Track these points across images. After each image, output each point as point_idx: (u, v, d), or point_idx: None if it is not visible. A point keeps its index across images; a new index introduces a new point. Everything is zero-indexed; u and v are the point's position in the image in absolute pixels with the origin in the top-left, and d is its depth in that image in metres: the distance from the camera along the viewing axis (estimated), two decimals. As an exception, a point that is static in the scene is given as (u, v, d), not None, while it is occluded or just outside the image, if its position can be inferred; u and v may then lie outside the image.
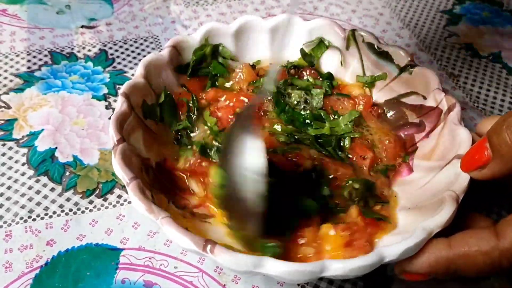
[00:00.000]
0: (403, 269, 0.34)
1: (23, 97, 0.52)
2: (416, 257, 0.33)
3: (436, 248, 0.33)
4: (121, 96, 0.40)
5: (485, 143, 0.34)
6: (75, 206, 0.43)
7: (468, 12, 0.68)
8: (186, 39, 0.47)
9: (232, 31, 0.48)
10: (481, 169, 0.34)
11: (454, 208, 0.34)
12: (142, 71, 0.43)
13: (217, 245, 0.32)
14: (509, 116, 0.33)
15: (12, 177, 0.45)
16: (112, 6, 0.65)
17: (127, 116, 0.40)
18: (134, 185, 0.35)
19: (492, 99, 0.56)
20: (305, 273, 0.31)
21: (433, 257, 0.33)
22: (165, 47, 0.46)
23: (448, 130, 0.40)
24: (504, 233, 0.32)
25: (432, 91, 0.43)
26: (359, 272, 0.32)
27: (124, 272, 0.39)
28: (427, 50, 0.62)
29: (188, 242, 0.32)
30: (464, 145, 0.37)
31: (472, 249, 0.32)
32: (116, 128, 0.38)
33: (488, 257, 0.32)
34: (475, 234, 0.33)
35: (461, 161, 0.36)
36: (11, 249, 0.40)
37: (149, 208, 0.34)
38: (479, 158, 0.34)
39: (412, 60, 0.45)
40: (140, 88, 0.42)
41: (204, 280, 0.39)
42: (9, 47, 0.58)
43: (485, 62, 0.61)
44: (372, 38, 0.47)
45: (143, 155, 0.40)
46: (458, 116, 0.40)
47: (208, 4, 0.66)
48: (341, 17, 0.65)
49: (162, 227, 0.33)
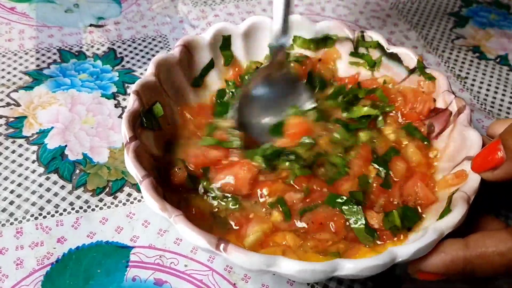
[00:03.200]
0: (418, 269, 0.34)
1: (33, 95, 0.52)
2: (432, 257, 0.33)
3: (452, 249, 0.33)
4: (133, 94, 0.40)
5: (498, 144, 0.34)
6: (85, 204, 0.43)
7: (475, 14, 0.69)
8: (196, 38, 0.47)
9: (242, 31, 0.48)
10: (493, 170, 0.34)
11: (465, 209, 0.34)
12: (153, 70, 0.43)
13: (230, 243, 0.32)
14: None
15: (23, 174, 0.45)
16: (120, 5, 0.65)
17: (138, 113, 0.40)
18: (147, 183, 0.35)
19: (499, 101, 0.57)
20: (318, 272, 0.31)
21: (449, 257, 0.33)
22: (176, 46, 0.46)
23: (458, 132, 0.40)
24: None
25: (442, 93, 0.43)
26: (371, 271, 0.32)
27: (135, 270, 0.40)
28: (435, 52, 0.62)
29: (202, 240, 0.32)
30: (475, 147, 0.38)
31: (489, 249, 0.32)
32: (129, 125, 0.38)
33: (505, 258, 0.32)
34: (492, 235, 0.33)
35: (472, 162, 0.36)
36: (22, 246, 0.40)
37: (163, 207, 0.34)
38: (492, 159, 0.34)
39: (421, 62, 0.45)
40: (151, 86, 0.42)
41: (214, 278, 0.39)
42: (18, 45, 0.58)
43: (492, 65, 0.61)
44: (381, 39, 0.47)
45: (154, 153, 0.40)
46: (468, 118, 0.40)
47: (216, 4, 0.66)
48: (348, 18, 0.65)
49: (176, 225, 0.33)
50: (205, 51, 0.47)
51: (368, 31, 0.48)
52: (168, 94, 0.44)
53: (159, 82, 0.43)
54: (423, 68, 0.45)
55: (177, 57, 0.45)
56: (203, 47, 0.47)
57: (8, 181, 0.44)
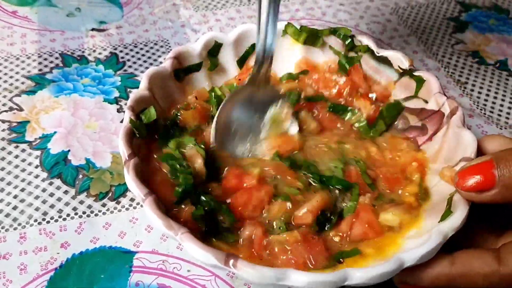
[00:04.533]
0: (404, 280, 0.34)
1: (35, 100, 0.52)
2: (419, 271, 0.34)
3: (438, 264, 0.33)
4: (127, 110, 0.40)
5: (492, 169, 0.33)
6: (89, 209, 0.44)
7: (475, 19, 0.69)
8: (187, 49, 0.46)
9: (231, 40, 0.48)
10: (480, 192, 0.34)
11: (466, 210, 0.35)
12: (146, 84, 0.42)
13: (239, 259, 0.32)
14: None
15: (26, 179, 0.45)
16: (122, 10, 0.65)
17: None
18: (149, 201, 0.34)
19: (499, 107, 0.57)
20: (328, 283, 0.31)
21: (435, 273, 0.33)
22: (167, 59, 0.45)
23: (452, 133, 0.40)
24: (506, 260, 0.32)
25: (433, 95, 0.43)
26: (380, 279, 0.32)
27: (138, 275, 0.40)
28: (434, 57, 0.62)
29: (210, 257, 0.32)
30: (470, 147, 0.38)
31: (474, 270, 0.33)
32: (126, 142, 0.38)
33: (488, 281, 0.32)
34: (478, 255, 0.33)
35: (458, 175, 0.35)
36: (26, 251, 0.41)
37: (168, 225, 0.33)
38: (483, 182, 0.33)
39: (412, 65, 0.46)
40: (145, 100, 0.42)
41: (217, 283, 0.40)
42: (20, 49, 0.58)
43: (492, 70, 0.61)
44: (371, 44, 0.48)
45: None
46: (461, 119, 0.41)
47: (217, 9, 0.67)
48: (349, 23, 0.66)
49: (183, 243, 0.33)
50: (196, 61, 0.47)
51: (358, 36, 0.48)
52: (160, 106, 0.43)
53: (152, 95, 0.43)
54: (413, 70, 0.45)
55: (168, 70, 0.45)
56: (194, 58, 0.47)
57: (12, 186, 0.45)
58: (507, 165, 0.33)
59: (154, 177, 0.38)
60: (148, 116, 0.41)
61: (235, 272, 0.32)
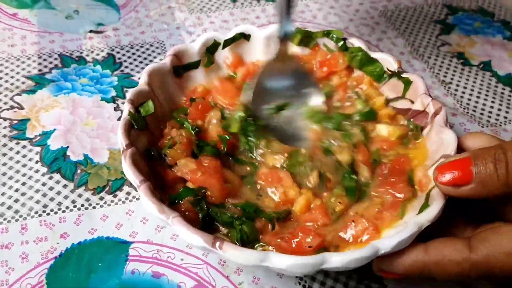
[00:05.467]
0: (381, 268, 0.37)
1: (35, 98, 0.54)
2: (394, 258, 0.36)
3: (413, 252, 0.36)
4: (127, 103, 0.42)
5: (470, 165, 0.35)
6: (87, 202, 0.46)
7: (461, 22, 0.71)
8: (186, 47, 0.49)
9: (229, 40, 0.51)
10: (457, 186, 0.36)
11: (442, 203, 0.37)
12: (146, 79, 0.45)
13: (225, 242, 0.34)
14: (498, 148, 0.35)
15: (26, 174, 0.47)
16: (119, 12, 0.67)
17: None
18: (144, 188, 0.37)
19: (481, 106, 0.59)
20: (307, 265, 0.34)
21: (409, 260, 0.36)
22: (167, 56, 0.48)
23: (435, 132, 0.43)
24: (476, 248, 0.34)
25: (419, 95, 0.46)
26: (356, 263, 0.34)
27: (134, 263, 0.42)
28: (421, 58, 0.65)
29: (199, 239, 0.34)
30: (451, 146, 0.40)
31: (446, 258, 0.35)
32: (124, 133, 0.40)
33: (459, 267, 0.34)
34: (450, 244, 0.35)
35: (437, 170, 0.37)
36: (27, 241, 0.43)
37: (161, 209, 0.36)
38: (460, 177, 0.35)
39: (400, 67, 0.48)
40: (145, 94, 0.44)
41: (209, 271, 0.42)
42: (20, 50, 0.60)
43: (476, 70, 0.64)
44: (363, 46, 0.50)
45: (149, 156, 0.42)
46: (444, 119, 0.43)
47: (211, 11, 0.69)
48: (339, 26, 0.68)
49: (173, 226, 0.35)
50: (195, 59, 0.49)
51: (350, 38, 0.51)
52: (159, 101, 0.46)
53: (151, 90, 0.45)
54: (401, 72, 0.48)
55: (168, 66, 0.47)
56: (193, 56, 0.49)
57: (13, 180, 0.47)
58: (483, 162, 0.35)
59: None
60: (147, 109, 0.43)
61: (221, 254, 0.34)
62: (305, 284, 0.42)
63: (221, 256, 0.35)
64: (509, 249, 0.34)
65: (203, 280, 0.41)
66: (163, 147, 0.43)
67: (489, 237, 0.35)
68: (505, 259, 0.34)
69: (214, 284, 0.41)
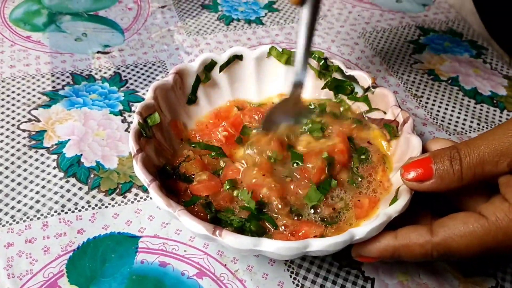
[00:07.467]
0: (358, 253, 0.43)
1: (50, 112, 0.61)
2: (370, 244, 0.42)
3: (385, 238, 0.42)
4: (136, 115, 0.49)
5: (430, 163, 0.41)
6: (100, 202, 0.52)
7: (432, 42, 0.79)
8: (187, 66, 0.56)
9: (224, 60, 0.58)
10: (420, 182, 0.42)
11: (408, 198, 0.43)
12: (152, 94, 0.52)
13: (224, 230, 0.41)
14: (453, 148, 0.41)
15: (45, 178, 0.53)
16: (123, 35, 0.74)
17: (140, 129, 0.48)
18: (154, 186, 0.43)
19: (449, 116, 0.67)
20: (293, 248, 0.40)
21: (382, 245, 0.42)
22: (170, 74, 0.55)
23: (404, 138, 0.50)
24: (436, 232, 0.41)
25: (390, 107, 0.53)
26: (335, 247, 0.41)
27: (143, 255, 0.48)
28: (395, 75, 0.72)
29: (201, 228, 0.41)
30: (416, 149, 0.47)
31: (412, 241, 0.41)
32: (135, 140, 0.47)
33: (422, 249, 0.41)
34: (416, 230, 0.41)
35: (403, 168, 0.43)
36: (48, 236, 0.49)
37: (168, 203, 0.42)
38: (422, 174, 0.42)
39: (374, 82, 0.55)
40: (151, 108, 0.51)
41: (209, 261, 0.48)
42: (35, 69, 0.67)
43: (445, 85, 0.71)
44: (341, 64, 0.57)
45: (155, 163, 0.49)
46: (411, 126, 0.50)
47: (207, 34, 0.76)
48: (322, 46, 0.75)
49: (179, 217, 0.41)
50: (194, 76, 0.56)
51: (330, 58, 0.58)
52: (164, 114, 0.53)
53: (157, 103, 0.52)
54: (374, 87, 0.55)
55: (171, 83, 0.54)
56: (192, 73, 0.56)
57: (34, 184, 0.53)
58: (441, 160, 0.41)
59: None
60: (153, 120, 0.50)
61: (220, 240, 0.40)
62: (293, 271, 0.48)
63: (221, 242, 0.41)
64: (462, 232, 0.40)
65: (204, 268, 0.47)
66: (177, 164, 0.50)
67: (447, 223, 0.41)
68: (459, 240, 0.40)
69: (213, 272, 0.47)
